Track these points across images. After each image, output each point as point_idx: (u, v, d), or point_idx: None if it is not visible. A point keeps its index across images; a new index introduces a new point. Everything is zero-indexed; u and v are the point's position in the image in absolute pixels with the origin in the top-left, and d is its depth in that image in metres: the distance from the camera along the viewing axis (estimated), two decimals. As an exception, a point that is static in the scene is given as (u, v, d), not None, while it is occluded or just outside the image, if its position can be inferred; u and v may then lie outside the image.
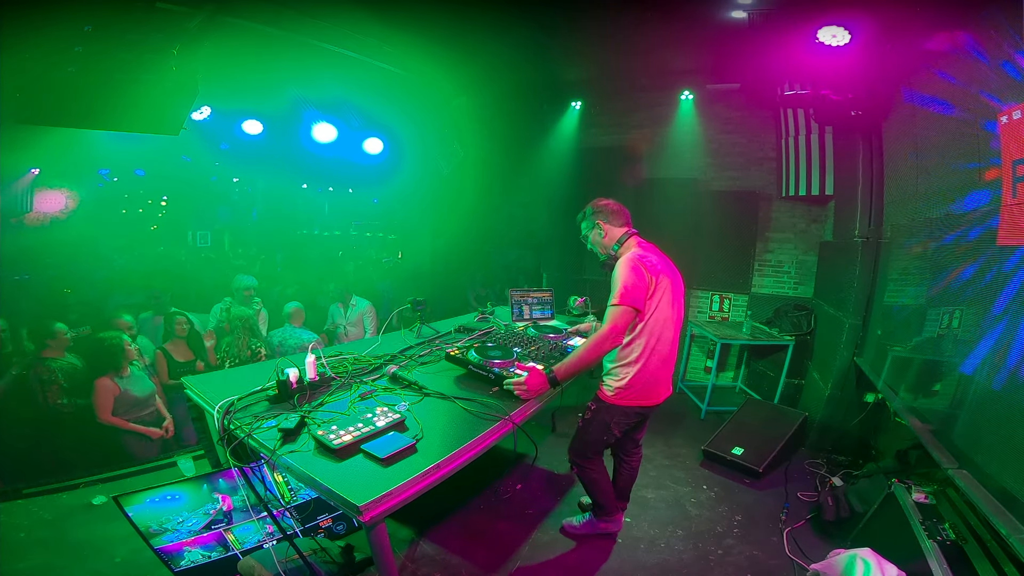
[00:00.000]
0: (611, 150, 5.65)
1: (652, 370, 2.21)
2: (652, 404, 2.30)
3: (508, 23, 3.69)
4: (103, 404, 3.13)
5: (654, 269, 2.13)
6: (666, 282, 2.18)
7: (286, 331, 4.01)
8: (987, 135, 2.01)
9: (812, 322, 4.46)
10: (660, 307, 2.16)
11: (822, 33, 3.01)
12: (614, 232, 2.29)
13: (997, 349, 1.85)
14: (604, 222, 2.30)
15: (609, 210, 2.32)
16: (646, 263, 2.12)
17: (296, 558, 2.08)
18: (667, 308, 2.19)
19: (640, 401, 2.26)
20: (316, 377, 1.98)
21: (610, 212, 2.32)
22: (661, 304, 2.16)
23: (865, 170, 3.61)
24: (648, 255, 2.18)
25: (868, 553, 1.90)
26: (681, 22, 3.50)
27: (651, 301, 2.13)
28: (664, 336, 2.21)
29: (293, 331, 3.99)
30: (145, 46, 3.23)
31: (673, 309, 2.23)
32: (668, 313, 2.20)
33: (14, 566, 2.31)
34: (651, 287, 2.11)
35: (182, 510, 2.19)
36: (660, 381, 2.27)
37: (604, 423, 2.32)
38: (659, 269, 2.16)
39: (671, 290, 2.21)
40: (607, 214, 2.31)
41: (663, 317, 2.18)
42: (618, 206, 2.35)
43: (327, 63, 4.06)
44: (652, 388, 2.25)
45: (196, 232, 7.65)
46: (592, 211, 2.34)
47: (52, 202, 5.17)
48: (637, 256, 2.14)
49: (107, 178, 6.29)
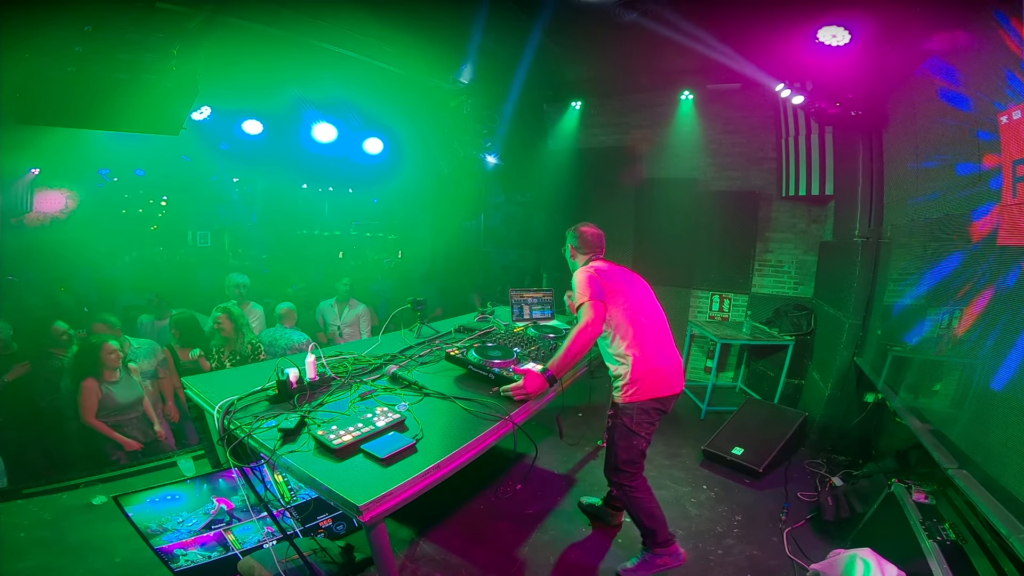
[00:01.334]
0: (611, 150, 5.65)
1: (650, 357, 2.23)
2: (666, 395, 2.27)
3: (508, 23, 3.69)
4: (87, 406, 3.11)
5: (604, 272, 2.33)
6: (622, 280, 2.35)
7: (276, 331, 4.00)
8: (987, 135, 2.01)
9: (812, 322, 4.46)
10: (628, 299, 2.29)
11: (822, 33, 3.01)
12: (579, 258, 2.57)
13: (997, 349, 1.85)
14: (574, 247, 2.58)
15: (584, 240, 2.56)
16: (596, 269, 2.34)
17: (296, 558, 2.07)
18: (636, 300, 2.32)
19: (652, 393, 2.23)
20: (316, 377, 1.98)
21: (584, 242, 2.56)
22: (627, 297, 2.30)
23: (865, 170, 3.61)
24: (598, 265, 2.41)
25: (868, 553, 1.90)
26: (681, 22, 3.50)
27: (614, 296, 2.25)
28: (647, 326, 2.29)
29: (283, 331, 3.98)
30: (145, 46, 3.22)
31: (644, 301, 2.36)
32: (640, 304, 2.32)
33: (14, 566, 2.31)
34: (603, 284, 2.23)
35: (182, 510, 2.19)
36: (665, 369, 2.26)
37: (625, 426, 2.26)
38: (609, 272, 2.36)
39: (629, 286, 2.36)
40: (580, 243, 2.57)
41: (636, 307, 2.29)
42: (595, 238, 2.58)
43: (327, 63, 4.05)
44: (660, 377, 2.24)
45: (196, 232, 7.65)
46: (572, 234, 2.61)
47: (52, 202, 5.17)
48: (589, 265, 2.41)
49: (107, 178, 6.29)
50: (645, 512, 2.32)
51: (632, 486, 2.32)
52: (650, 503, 2.34)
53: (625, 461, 2.30)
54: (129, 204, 7.13)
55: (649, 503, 2.33)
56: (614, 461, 2.34)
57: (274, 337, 3.93)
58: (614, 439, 2.33)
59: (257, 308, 4.37)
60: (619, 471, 2.32)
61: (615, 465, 2.33)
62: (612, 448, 2.35)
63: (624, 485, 2.33)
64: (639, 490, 2.33)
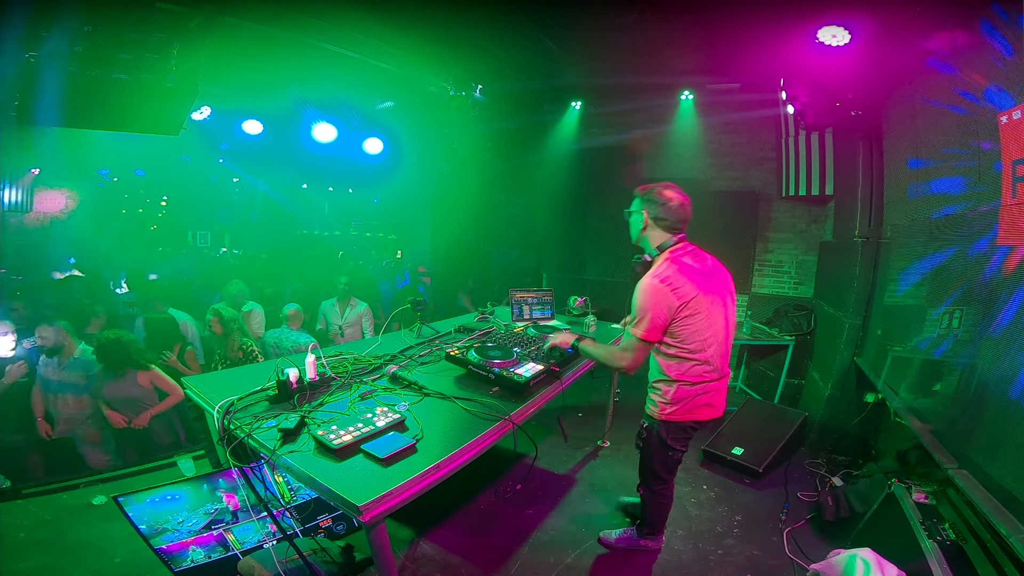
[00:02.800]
0: (611, 150, 5.66)
1: (702, 387, 2.06)
2: (704, 419, 2.15)
3: (508, 23, 3.69)
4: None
5: (682, 289, 1.91)
6: (699, 300, 1.93)
7: (281, 332, 4.00)
8: (987, 135, 2.01)
9: (812, 322, 4.46)
10: (694, 324, 1.95)
11: (822, 33, 3.01)
12: (655, 237, 2.05)
13: (997, 349, 1.85)
14: (652, 217, 2.03)
15: (669, 209, 2.01)
16: (672, 283, 1.91)
17: (296, 558, 2.08)
18: (706, 326, 1.97)
19: (689, 416, 2.12)
20: (316, 377, 1.97)
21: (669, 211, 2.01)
22: (696, 321, 1.95)
23: (865, 170, 3.61)
24: (676, 272, 1.94)
25: (868, 553, 1.90)
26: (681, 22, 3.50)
27: (682, 323, 1.94)
28: (707, 353, 2.01)
29: (288, 333, 3.99)
30: (145, 46, 3.22)
31: (713, 323, 2.00)
32: (708, 331, 1.98)
33: (14, 566, 2.31)
34: (672, 311, 1.91)
35: (182, 510, 2.19)
36: (709, 395, 2.10)
37: (660, 440, 2.18)
38: (690, 287, 1.92)
39: (708, 304, 1.97)
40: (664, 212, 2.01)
41: (701, 335, 1.97)
42: (684, 208, 2.03)
43: (327, 63, 4.05)
44: (700, 404, 2.10)
45: (196, 232, 7.66)
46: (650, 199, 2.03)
47: (52, 202, 5.17)
48: (663, 276, 1.92)
49: (107, 178, 6.30)
50: (658, 512, 2.45)
51: (663, 492, 2.37)
52: (667, 507, 2.45)
53: (664, 472, 2.30)
54: (129, 204, 7.14)
55: (666, 507, 2.44)
56: (652, 469, 2.30)
57: (279, 338, 3.94)
58: (650, 451, 2.25)
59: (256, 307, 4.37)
60: (657, 479, 2.32)
61: (653, 473, 2.30)
62: (648, 459, 2.29)
63: (656, 491, 2.36)
64: (666, 496, 2.40)
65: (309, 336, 4.00)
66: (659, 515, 2.47)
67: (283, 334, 3.98)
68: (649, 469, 2.32)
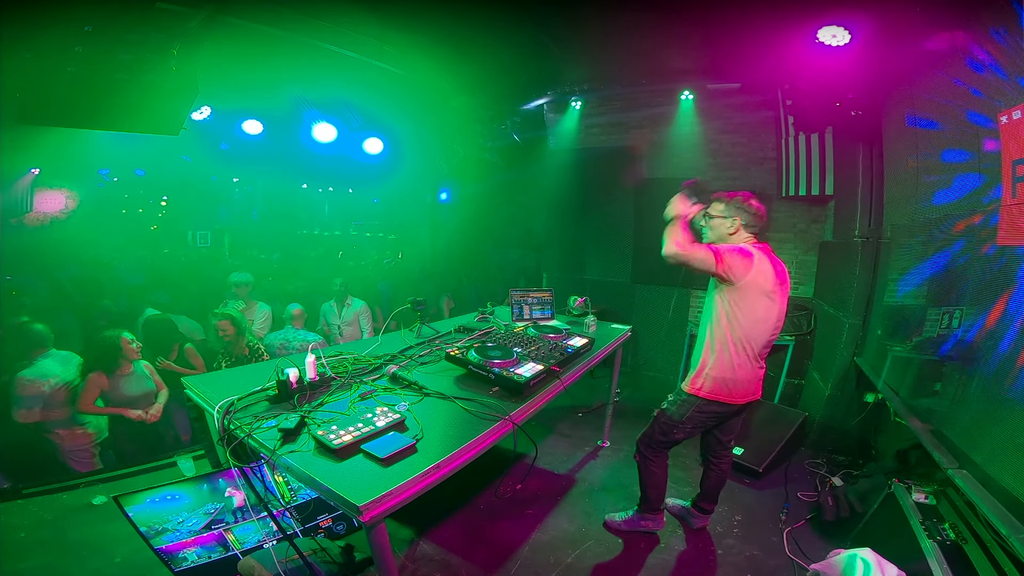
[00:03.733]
0: (611, 150, 5.65)
1: (732, 366, 2.21)
2: (731, 402, 2.28)
3: (508, 23, 3.69)
4: (88, 396, 3.12)
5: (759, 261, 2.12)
6: (769, 275, 2.14)
7: (288, 332, 4.01)
8: (987, 135, 2.01)
9: (812, 322, 4.46)
10: (754, 304, 2.14)
11: (822, 33, 3.01)
12: (742, 236, 2.25)
13: (997, 349, 1.85)
14: (742, 225, 2.24)
15: (755, 216, 2.24)
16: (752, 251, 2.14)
17: (296, 558, 2.08)
18: (763, 302, 2.15)
19: (718, 396, 2.26)
20: (316, 377, 1.98)
21: (754, 219, 2.24)
22: (758, 301, 2.14)
23: (865, 170, 3.61)
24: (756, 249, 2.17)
25: (868, 553, 1.90)
26: (682, 22, 3.50)
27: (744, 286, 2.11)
28: (753, 335, 2.19)
29: (296, 332, 3.99)
30: (145, 46, 3.23)
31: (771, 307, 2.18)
32: (764, 308, 2.16)
33: (14, 566, 2.31)
34: (747, 270, 2.09)
35: (182, 510, 2.19)
36: (743, 381, 2.24)
37: (679, 414, 2.35)
38: (765, 262, 2.14)
39: (771, 286, 2.15)
40: (750, 217, 2.24)
41: (756, 317, 2.16)
42: (763, 215, 2.27)
43: (327, 63, 4.05)
44: (732, 386, 2.24)
45: (196, 232, 7.65)
46: (738, 206, 2.24)
47: (52, 202, 5.17)
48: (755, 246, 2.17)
49: (107, 178, 6.29)
50: (652, 484, 2.56)
51: (654, 460, 2.51)
52: (660, 478, 2.54)
53: (660, 442, 2.46)
54: (129, 204, 7.13)
55: (659, 478, 2.54)
56: (650, 433, 2.48)
57: (287, 338, 3.94)
58: (659, 416, 2.44)
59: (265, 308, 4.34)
60: (650, 446, 2.49)
61: (650, 438, 2.48)
62: (655, 424, 2.46)
63: (647, 457, 2.51)
64: (657, 465, 2.52)
65: (316, 335, 4.01)
66: (654, 485, 2.55)
67: (290, 334, 3.98)
68: (649, 434, 2.49)
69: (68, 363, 3.19)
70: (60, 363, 3.17)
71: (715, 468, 2.62)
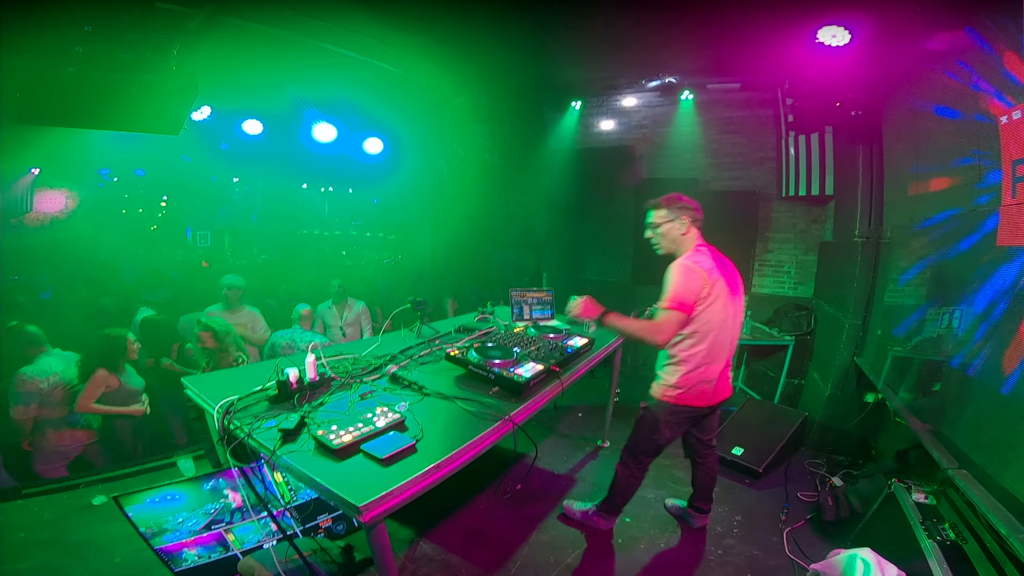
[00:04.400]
0: (611, 150, 5.65)
1: (703, 371, 2.23)
2: (704, 405, 2.31)
3: (508, 23, 3.69)
4: (91, 393, 3.10)
5: (711, 273, 2.15)
6: (722, 286, 2.17)
7: (295, 332, 3.99)
8: (987, 135, 2.01)
9: (812, 322, 4.46)
10: (712, 309, 2.16)
11: (822, 33, 3.02)
12: (693, 232, 2.27)
13: (997, 349, 1.85)
14: (690, 221, 2.26)
15: (694, 210, 2.28)
16: (704, 267, 2.14)
17: (296, 558, 2.08)
18: (720, 311, 2.18)
19: (691, 401, 2.28)
20: (316, 377, 1.98)
21: (695, 212, 2.28)
22: (714, 307, 2.16)
23: (865, 170, 3.61)
24: (705, 260, 2.19)
25: (868, 553, 1.90)
26: (681, 23, 3.50)
27: (703, 305, 2.13)
28: (718, 339, 2.20)
29: (303, 333, 3.97)
30: (145, 46, 3.23)
31: (727, 312, 2.21)
32: (721, 316, 2.19)
33: (14, 566, 2.31)
34: (704, 291, 2.11)
35: (182, 510, 2.19)
36: (713, 383, 2.27)
37: (654, 420, 2.36)
38: (716, 273, 2.17)
39: (727, 294, 2.20)
40: (693, 213, 2.27)
41: (716, 320, 2.18)
42: (699, 207, 2.31)
43: (327, 63, 4.05)
44: (704, 390, 2.27)
45: (196, 232, 7.66)
46: (679, 206, 2.28)
47: (52, 202, 5.17)
48: (696, 260, 2.17)
49: (107, 178, 6.30)
50: (622, 491, 2.59)
51: (636, 471, 2.52)
52: (632, 488, 2.58)
53: (644, 451, 2.46)
54: (129, 204, 7.14)
55: (632, 488, 2.58)
56: (633, 446, 2.49)
57: (292, 339, 3.92)
58: (642, 429, 2.43)
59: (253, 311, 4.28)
60: (635, 458, 2.50)
61: (634, 450, 2.49)
62: (636, 436, 2.47)
63: (631, 468, 2.52)
64: (636, 477, 2.54)
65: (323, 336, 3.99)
66: (623, 494, 2.59)
67: (296, 334, 3.96)
68: (632, 446, 2.50)
69: (70, 362, 3.20)
70: (62, 361, 3.17)
71: (702, 466, 2.65)
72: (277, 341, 3.94)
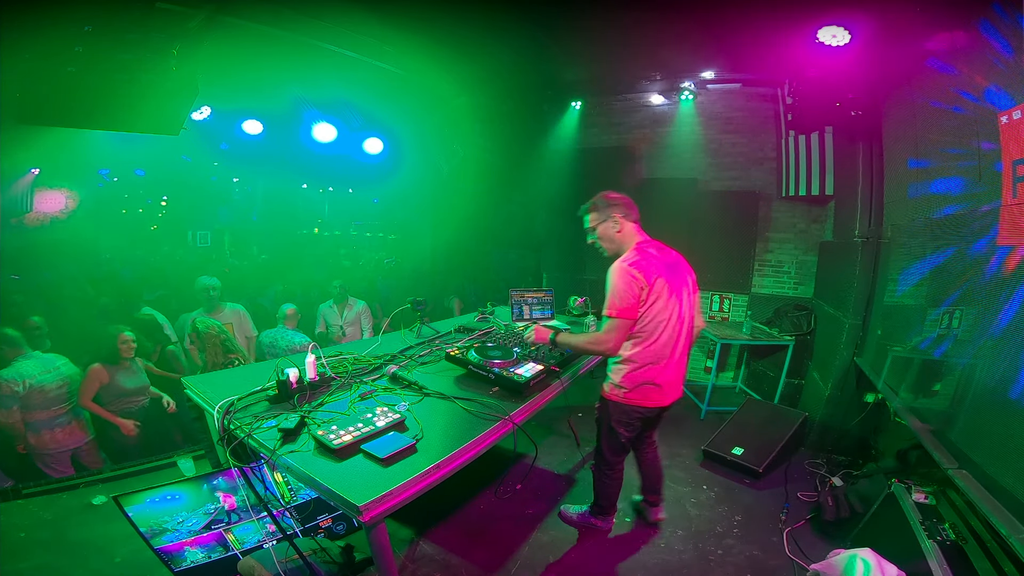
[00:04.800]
0: (611, 150, 5.65)
1: (647, 372, 2.20)
2: (652, 406, 2.28)
3: (508, 23, 3.69)
4: (88, 389, 3.12)
5: (649, 272, 2.09)
6: (661, 284, 2.12)
7: (278, 332, 3.97)
8: (987, 135, 2.01)
9: (812, 322, 4.46)
10: (653, 309, 2.12)
11: (822, 33, 3.01)
12: (628, 227, 2.23)
13: (997, 348, 1.85)
14: (621, 217, 2.22)
15: (625, 204, 2.24)
16: (640, 267, 2.09)
17: (296, 558, 2.08)
18: (661, 309, 2.14)
19: (638, 402, 2.26)
20: (316, 377, 1.98)
21: (626, 207, 2.24)
22: (655, 306, 2.12)
23: (865, 170, 3.61)
24: (643, 259, 2.14)
25: (868, 553, 1.90)
26: (681, 23, 3.50)
27: (643, 306, 2.12)
28: (661, 338, 2.16)
29: (285, 332, 3.94)
30: (145, 46, 3.22)
31: (670, 310, 2.16)
32: (664, 315, 2.15)
33: (14, 566, 2.31)
34: (643, 293, 2.09)
35: (182, 510, 2.19)
36: (660, 384, 2.23)
37: (607, 422, 2.37)
38: (654, 271, 2.11)
39: (668, 291, 2.15)
40: (623, 208, 2.23)
41: (658, 319, 2.14)
42: (629, 201, 2.27)
43: (327, 63, 4.05)
44: (650, 390, 2.23)
45: (196, 232, 7.66)
46: (606, 203, 2.24)
47: (52, 202, 5.17)
48: (632, 261, 2.12)
49: (107, 178, 6.30)
50: (604, 493, 2.60)
51: (608, 472, 2.54)
52: (613, 488, 2.58)
53: (609, 450, 2.47)
54: (129, 204, 7.14)
55: (612, 488, 2.58)
56: (599, 448, 2.51)
57: (275, 338, 3.91)
58: (599, 431, 2.47)
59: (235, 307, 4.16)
60: (603, 458, 2.51)
61: (600, 452, 2.51)
62: (598, 438, 2.50)
63: (602, 471, 2.55)
64: (611, 477, 2.55)
65: (305, 336, 3.96)
66: (606, 495, 2.59)
67: (279, 334, 3.93)
68: (597, 448, 2.52)
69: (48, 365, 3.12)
70: (40, 364, 3.09)
71: (642, 460, 2.69)
72: (263, 340, 3.94)
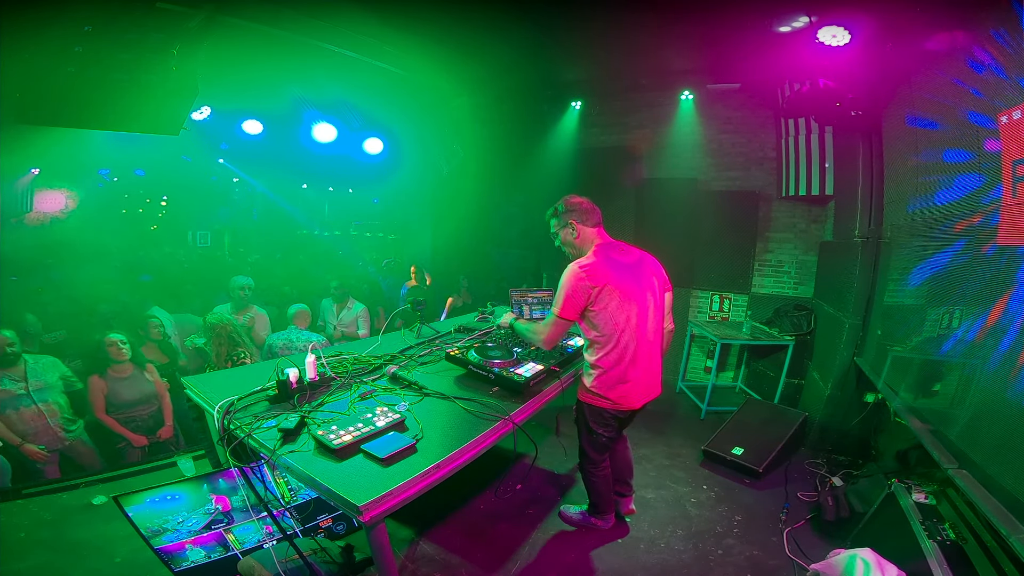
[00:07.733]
0: (611, 150, 5.65)
1: (614, 375, 2.19)
2: (626, 408, 2.27)
3: (508, 23, 3.69)
4: (95, 402, 3.14)
5: (599, 275, 2.08)
6: (612, 287, 2.09)
7: (291, 333, 3.99)
8: (987, 135, 2.01)
9: (812, 322, 4.46)
10: (607, 312, 2.11)
11: (822, 33, 3.01)
12: (587, 232, 2.25)
13: (997, 349, 1.85)
14: (578, 222, 2.24)
15: (583, 209, 2.25)
16: (591, 269, 2.09)
17: (296, 558, 2.08)
18: (616, 312, 2.12)
19: (609, 406, 2.25)
20: (316, 377, 1.98)
21: (584, 212, 2.25)
22: (608, 309, 2.11)
23: (865, 170, 3.61)
24: (597, 261, 2.13)
25: (868, 553, 1.90)
26: (681, 22, 3.50)
27: (596, 309, 2.10)
28: (621, 341, 2.14)
29: (299, 333, 3.97)
30: (145, 46, 3.23)
31: (627, 312, 2.13)
32: (620, 318, 2.12)
33: (14, 566, 2.31)
34: (593, 293, 2.07)
35: (182, 510, 2.19)
36: (629, 387, 2.22)
37: (584, 422, 2.39)
38: (605, 274, 2.10)
39: (621, 294, 2.12)
40: (581, 213, 2.24)
41: (614, 321, 2.12)
42: (591, 205, 2.29)
43: (327, 63, 4.05)
44: (620, 394, 2.22)
45: (196, 232, 7.66)
46: (565, 209, 2.27)
47: (52, 202, 5.17)
48: (584, 264, 2.12)
49: (107, 178, 6.30)
50: (595, 491, 2.60)
51: (593, 471, 2.53)
52: (603, 486, 2.58)
53: (591, 449, 2.46)
54: (129, 204, 7.14)
55: (602, 485, 2.57)
56: (581, 448, 2.51)
57: (290, 339, 3.93)
58: (580, 431, 2.48)
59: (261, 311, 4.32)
60: (588, 458, 2.50)
61: (583, 451, 2.51)
62: (579, 438, 2.51)
63: (587, 470, 2.55)
64: (597, 476, 2.54)
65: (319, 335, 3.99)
66: (598, 492, 2.59)
67: (293, 334, 3.96)
68: (581, 448, 2.52)
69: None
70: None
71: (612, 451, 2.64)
72: (274, 343, 3.94)
